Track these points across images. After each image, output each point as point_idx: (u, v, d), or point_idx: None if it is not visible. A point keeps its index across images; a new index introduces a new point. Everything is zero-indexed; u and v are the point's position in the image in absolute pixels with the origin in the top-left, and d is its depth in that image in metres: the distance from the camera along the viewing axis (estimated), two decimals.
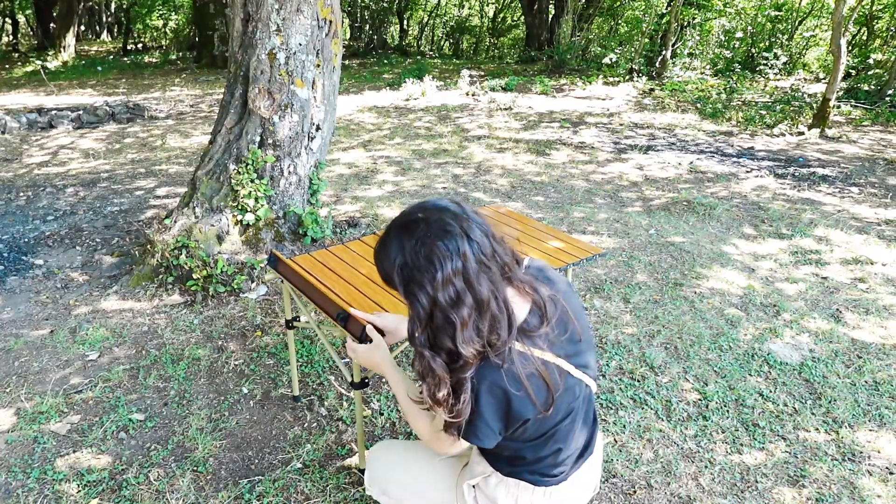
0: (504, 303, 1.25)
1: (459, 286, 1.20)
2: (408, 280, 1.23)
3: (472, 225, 1.23)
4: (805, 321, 3.42)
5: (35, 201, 5.23)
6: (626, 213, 5.16)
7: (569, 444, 1.46)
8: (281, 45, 3.66)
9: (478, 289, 1.20)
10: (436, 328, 1.23)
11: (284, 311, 2.55)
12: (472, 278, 1.20)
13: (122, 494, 2.22)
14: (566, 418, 1.41)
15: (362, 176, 6.11)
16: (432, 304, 1.21)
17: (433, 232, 1.21)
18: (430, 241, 1.20)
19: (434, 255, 1.19)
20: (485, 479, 1.55)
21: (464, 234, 1.21)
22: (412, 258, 1.21)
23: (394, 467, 1.76)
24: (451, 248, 1.19)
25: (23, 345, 3.12)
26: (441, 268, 1.18)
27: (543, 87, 11.50)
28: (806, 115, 9.23)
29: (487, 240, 1.25)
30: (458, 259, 1.19)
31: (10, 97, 11.06)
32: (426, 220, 1.23)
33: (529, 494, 1.50)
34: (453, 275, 1.19)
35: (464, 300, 1.20)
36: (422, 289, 1.21)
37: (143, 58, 18.12)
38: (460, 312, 1.20)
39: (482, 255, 1.22)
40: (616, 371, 2.95)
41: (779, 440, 2.51)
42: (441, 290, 1.19)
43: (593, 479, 1.63)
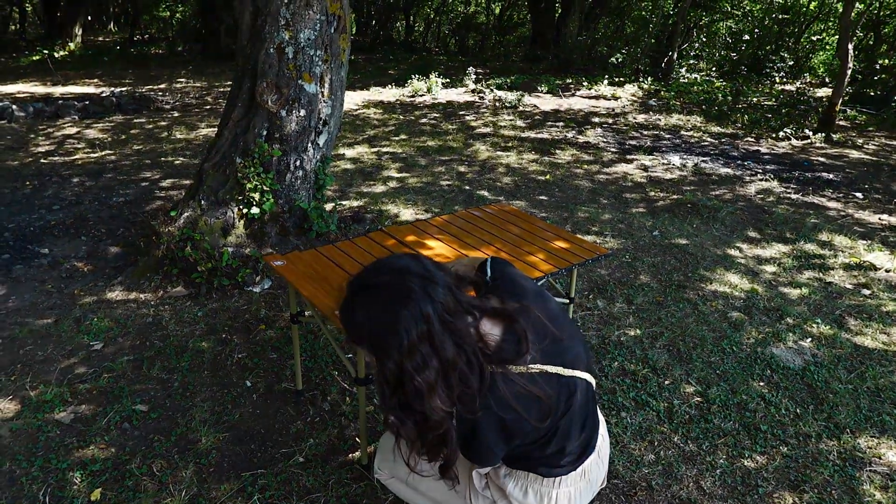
0: (474, 355, 1.26)
1: (425, 351, 1.21)
2: (375, 346, 1.26)
3: (434, 284, 1.25)
4: (808, 326, 3.42)
5: (41, 190, 5.24)
6: (630, 214, 5.16)
7: (572, 438, 1.49)
8: (289, 40, 3.67)
9: (443, 351, 1.22)
10: (406, 393, 1.25)
11: (290, 306, 2.55)
12: (437, 340, 1.22)
13: (126, 485, 2.23)
14: (566, 415, 1.43)
15: (367, 171, 6.12)
16: (399, 370, 1.23)
17: (396, 298, 1.23)
18: (393, 309, 1.22)
19: (398, 323, 1.20)
20: (495, 469, 1.57)
21: (427, 295, 1.22)
22: (377, 326, 1.24)
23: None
24: (413, 314, 1.21)
25: (28, 333, 3.13)
26: (406, 335, 1.20)
27: (549, 87, 11.48)
28: (811, 120, 9.22)
29: (451, 295, 1.27)
30: (422, 324, 1.21)
31: (17, 86, 11.06)
32: (388, 284, 1.25)
33: (539, 484, 1.52)
34: (418, 341, 1.20)
35: (429, 363, 1.22)
36: (389, 356, 1.22)
37: (150, 49, 18.11)
38: (427, 376, 1.21)
39: (445, 314, 1.23)
40: (618, 372, 2.96)
41: (780, 444, 2.51)
42: (407, 358, 1.21)
43: (601, 470, 1.65)
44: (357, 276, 1.33)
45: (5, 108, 7.94)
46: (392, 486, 1.84)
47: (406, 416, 1.28)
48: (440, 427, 1.28)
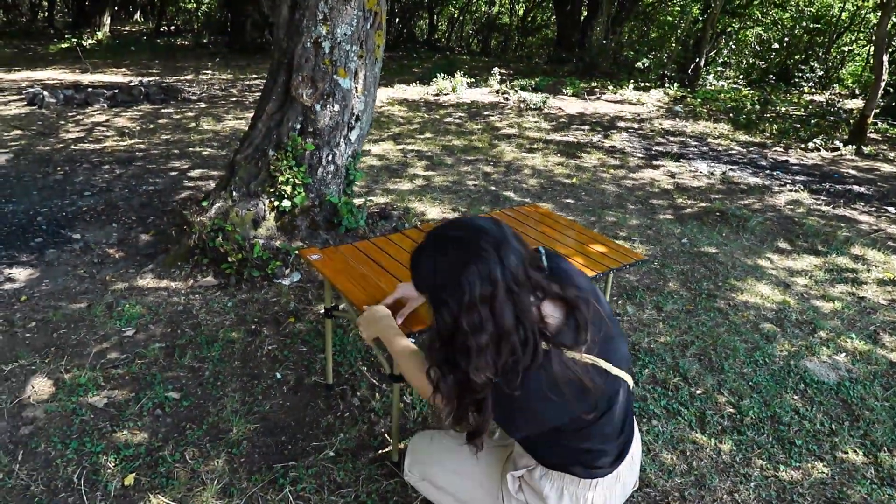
0: (532, 333, 1.25)
1: (484, 313, 1.21)
2: (436, 296, 1.26)
3: (508, 251, 1.23)
4: (842, 340, 3.37)
5: (72, 176, 5.29)
6: (657, 220, 5.12)
7: (612, 438, 1.48)
8: (326, 35, 3.67)
9: (501, 318, 1.21)
10: (455, 349, 1.26)
11: (325, 300, 2.56)
12: (498, 306, 1.21)
13: (159, 471, 2.24)
14: (606, 413, 1.42)
15: (393, 168, 6.12)
16: (454, 325, 1.23)
17: (468, 253, 1.22)
18: (461, 263, 1.21)
19: (463, 277, 1.20)
20: (529, 471, 1.55)
21: (499, 260, 1.21)
22: (443, 276, 1.24)
23: (437, 453, 1.77)
24: (482, 273, 1.20)
25: (61, 317, 3.16)
26: (468, 291, 1.20)
27: (574, 89, 11.43)
28: (842, 131, 9.09)
29: (522, 266, 1.25)
30: (487, 285, 1.20)
31: (47, 72, 11.21)
32: (462, 239, 1.25)
33: (575, 486, 1.50)
34: (480, 300, 1.20)
35: (485, 326, 1.21)
36: (447, 308, 1.23)
37: (176, 40, 18.27)
38: (479, 339, 1.21)
39: (513, 284, 1.22)
40: (649, 379, 2.93)
41: (816, 460, 2.47)
42: (465, 314, 1.21)
43: (633, 474, 1.64)
44: (436, 227, 1.33)
45: (36, 94, 8.05)
46: (422, 489, 1.83)
47: (450, 371, 1.29)
48: (479, 392, 1.28)
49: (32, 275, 3.58)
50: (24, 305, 3.26)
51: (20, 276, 3.56)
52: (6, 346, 2.91)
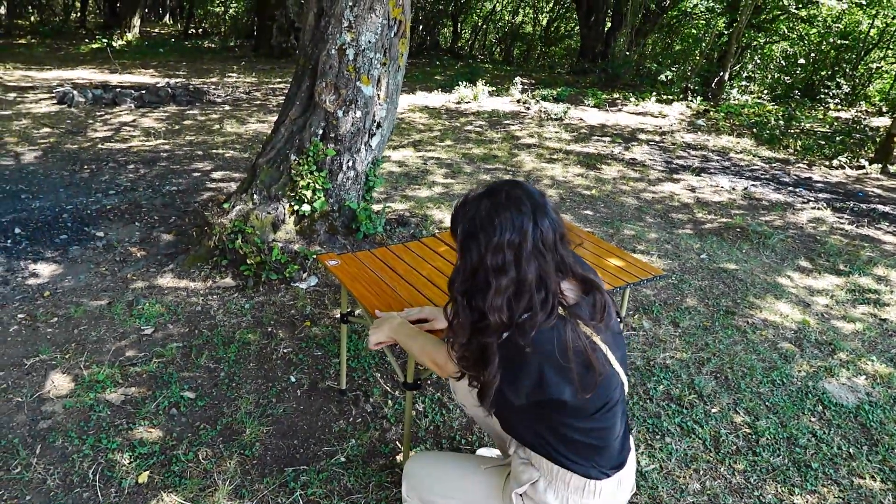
0: (553, 295, 1.33)
1: (508, 258, 1.30)
2: (468, 233, 1.36)
3: (544, 217, 1.34)
4: (862, 363, 3.31)
5: (98, 175, 5.39)
6: (676, 234, 5.08)
7: (614, 436, 1.49)
8: (351, 42, 3.71)
9: (524, 268, 1.30)
10: (475, 284, 1.35)
11: (341, 305, 2.57)
12: (523, 258, 1.30)
13: (172, 470, 2.27)
14: (603, 408, 1.44)
15: (412, 175, 6.15)
16: (479, 261, 1.33)
17: (508, 203, 1.33)
18: (501, 209, 1.32)
19: (496, 220, 1.31)
20: (532, 485, 1.54)
21: (533, 218, 1.32)
22: (480, 216, 1.34)
23: (435, 476, 1.75)
24: (515, 222, 1.31)
25: (82, 313, 3.22)
26: (499, 234, 1.30)
27: (596, 100, 11.40)
28: (868, 149, 8.96)
29: (553, 235, 1.35)
30: (516, 234, 1.30)
31: (77, 72, 11.43)
32: (507, 192, 1.35)
33: (578, 496, 1.50)
34: (507, 245, 1.30)
35: (507, 272, 1.30)
36: (476, 245, 1.33)
37: (203, 43, 18.54)
38: (500, 280, 1.30)
39: (541, 243, 1.32)
40: (663, 396, 2.91)
41: (832, 484, 2.43)
42: (491, 253, 1.31)
43: (631, 479, 1.63)
44: (490, 182, 1.43)
45: (66, 93, 8.21)
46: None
47: (468, 306, 1.37)
48: (488, 336, 1.34)
49: (56, 271, 3.65)
50: (47, 301, 3.32)
51: (44, 271, 3.63)
52: (28, 341, 2.96)
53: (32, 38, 16.94)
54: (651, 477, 2.39)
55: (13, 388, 2.63)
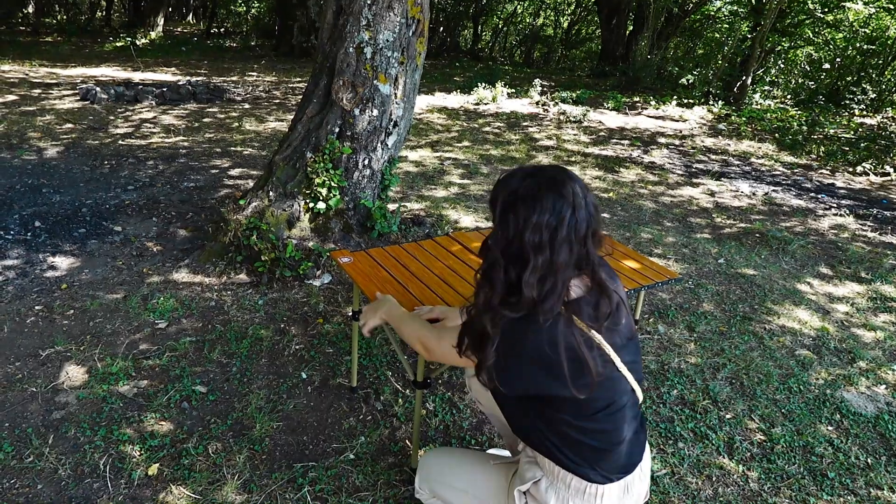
0: (562, 284, 1.34)
1: (545, 238, 1.31)
2: (508, 206, 1.35)
3: (581, 208, 1.34)
4: (882, 372, 3.24)
5: (118, 170, 5.46)
6: (694, 238, 5.02)
7: (615, 443, 1.46)
8: (369, 40, 3.71)
9: (557, 251, 1.31)
10: (509, 257, 1.35)
11: (353, 303, 2.57)
12: (557, 241, 1.31)
13: (182, 463, 2.28)
14: (606, 409, 1.42)
15: (429, 175, 6.14)
16: (518, 236, 1.32)
17: (553, 187, 1.33)
18: (545, 191, 1.33)
19: (540, 201, 1.31)
20: (535, 484, 1.54)
21: (572, 206, 1.32)
22: (524, 192, 1.34)
23: (448, 471, 1.79)
24: (556, 206, 1.31)
25: (98, 306, 3.25)
26: (539, 214, 1.31)
27: (616, 103, 11.32)
28: (893, 156, 8.80)
29: (586, 228, 1.35)
30: (554, 218, 1.31)
31: (101, 69, 11.60)
32: (554, 177, 1.36)
33: (580, 500, 1.48)
34: (545, 226, 1.30)
35: (543, 251, 1.31)
36: (515, 219, 1.32)
37: (225, 42, 18.73)
38: (536, 258, 1.31)
39: (573, 232, 1.32)
40: (677, 401, 2.87)
41: (849, 494, 2.38)
42: (530, 231, 1.31)
43: (644, 484, 1.60)
44: (537, 164, 1.47)
45: (90, 90, 8.33)
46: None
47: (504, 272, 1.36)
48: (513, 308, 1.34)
49: (74, 264, 3.70)
50: (64, 293, 3.36)
51: (62, 264, 3.68)
52: (45, 332, 3.00)
53: (59, 36, 17.24)
54: (662, 482, 2.36)
55: (28, 379, 2.66)
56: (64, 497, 2.11)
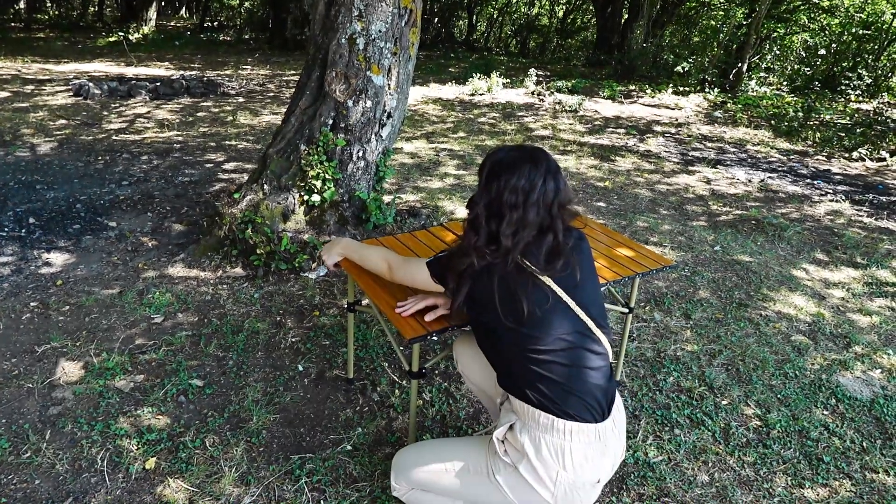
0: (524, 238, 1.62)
1: (520, 199, 1.61)
2: (493, 171, 1.66)
3: (551, 182, 1.65)
4: (878, 356, 3.25)
5: (112, 166, 5.44)
6: (690, 226, 5.02)
7: (576, 381, 1.59)
8: (361, 31, 3.69)
9: (528, 211, 1.61)
10: (490, 211, 1.65)
11: (348, 294, 2.57)
12: (528, 203, 1.61)
13: (179, 456, 2.28)
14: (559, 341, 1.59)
15: (424, 167, 6.13)
16: (498, 195, 1.63)
17: (531, 161, 1.64)
18: (524, 163, 1.64)
19: (519, 169, 1.62)
20: (510, 430, 1.65)
21: (543, 178, 1.63)
22: (507, 161, 1.65)
23: (420, 458, 1.82)
24: (530, 175, 1.62)
25: (94, 302, 3.25)
26: (515, 179, 1.61)
27: (611, 92, 11.30)
28: (889, 141, 8.80)
29: (554, 198, 1.65)
30: (527, 184, 1.61)
31: (94, 65, 11.54)
32: (536, 155, 1.66)
33: (550, 435, 1.58)
34: (520, 190, 1.61)
35: (517, 209, 1.61)
36: (497, 182, 1.63)
37: (219, 36, 18.64)
38: (511, 214, 1.61)
39: (541, 199, 1.62)
40: (673, 387, 2.87)
41: (844, 478, 2.39)
42: (507, 191, 1.61)
43: (619, 442, 1.68)
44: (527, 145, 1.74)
45: (83, 85, 8.29)
46: (413, 500, 1.86)
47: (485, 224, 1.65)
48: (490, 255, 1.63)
49: (69, 260, 3.69)
50: (60, 289, 3.36)
51: (57, 260, 3.67)
52: (40, 329, 3.00)
53: (51, 31, 17.13)
54: (659, 468, 2.37)
55: (24, 375, 2.66)
56: (62, 492, 2.11)
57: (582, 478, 1.59)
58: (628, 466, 2.38)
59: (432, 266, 1.86)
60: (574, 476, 1.58)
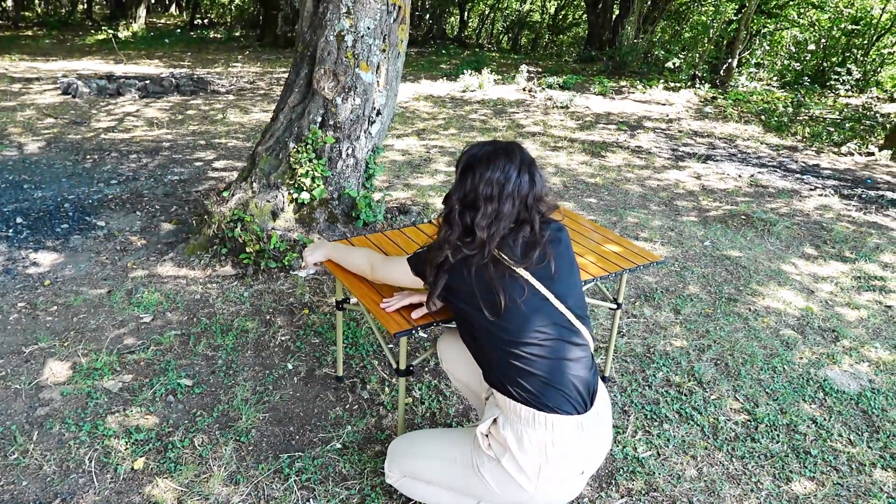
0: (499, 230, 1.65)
1: (495, 192, 1.64)
2: (467, 165, 1.70)
3: (525, 174, 1.67)
4: (865, 350, 3.27)
5: (100, 165, 5.40)
6: (680, 221, 5.04)
7: (556, 373, 1.61)
8: (350, 28, 3.68)
9: (503, 203, 1.64)
10: (465, 204, 1.67)
11: (336, 292, 2.57)
12: (503, 195, 1.64)
13: (168, 456, 2.27)
14: (536, 334, 1.61)
15: (415, 164, 6.12)
16: (472, 188, 1.65)
17: (506, 155, 1.67)
18: (498, 156, 1.66)
19: (494, 163, 1.65)
20: (494, 424, 1.66)
21: (518, 171, 1.66)
22: (482, 155, 1.69)
23: (412, 446, 1.89)
24: (505, 168, 1.65)
25: (82, 302, 3.23)
26: (491, 171, 1.64)
27: (602, 88, 11.30)
28: (878, 136, 8.85)
29: (529, 190, 1.68)
30: (501, 176, 1.64)
31: (82, 63, 11.45)
32: (511, 149, 1.70)
33: (531, 429, 1.60)
34: (495, 182, 1.64)
35: (492, 201, 1.64)
36: (472, 175, 1.66)
37: (209, 33, 18.53)
38: (486, 206, 1.63)
39: (516, 191, 1.65)
40: (662, 383, 2.89)
41: (831, 471, 2.41)
42: (482, 184, 1.64)
43: (604, 431, 1.71)
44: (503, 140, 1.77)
45: (71, 83, 8.22)
46: (404, 487, 1.91)
47: (459, 218, 1.68)
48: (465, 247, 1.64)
49: (57, 260, 3.66)
50: (48, 289, 3.34)
51: (45, 260, 3.65)
52: (28, 329, 2.98)
53: (39, 29, 16.99)
54: (648, 463, 2.38)
55: (11, 376, 2.64)
56: (49, 493, 2.10)
57: (565, 470, 1.61)
58: (617, 461, 2.39)
59: (411, 261, 1.88)
60: (557, 468, 1.60)
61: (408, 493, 1.93)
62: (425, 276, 1.80)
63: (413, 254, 1.90)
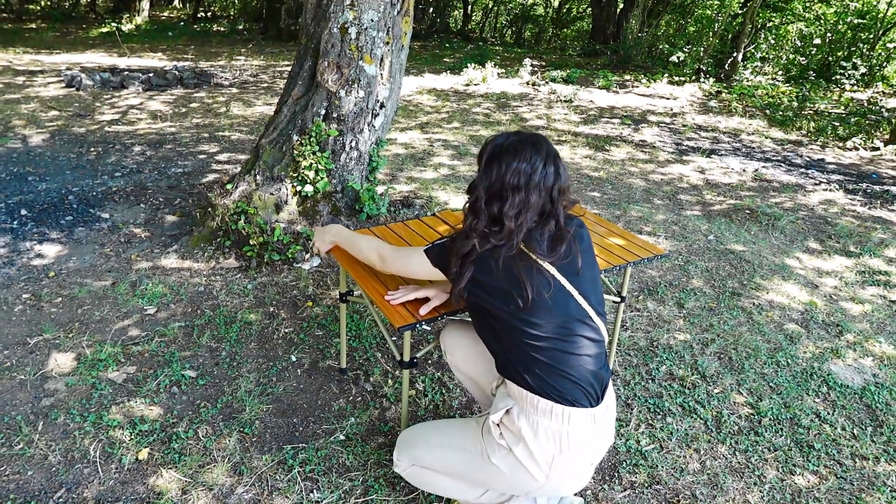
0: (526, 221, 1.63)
1: (522, 181, 1.62)
2: (493, 155, 1.67)
3: (551, 166, 1.66)
4: (869, 344, 3.27)
5: (104, 157, 5.40)
6: (684, 216, 5.02)
7: (574, 367, 1.61)
8: (353, 20, 3.67)
9: (530, 193, 1.62)
10: (491, 194, 1.65)
11: (339, 284, 2.57)
12: (531, 185, 1.62)
13: (172, 447, 2.28)
14: (559, 329, 1.61)
15: (418, 157, 6.11)
16: (500, 178, 1.63)
17: (533, 146, 1.66)
18: (525, 147, 1.65)
19: (521, 153, 1.64)
20: (507, 413, 1.66)
21: (544, 163, 1.65)
22: (508, 145, 1.66)
23: (422, 436, 1.88)
24: (531, 159, 1.63)
25: (86, 294, 3.24)
26: (517, 162, 1.62)
27: (606, 82, 11.27)
28: (883, 130, 8.81)
29: (554, 182, 1.66)
30: (528, 167, 1.62)
31: (86, 56, 11.45)
32: (537, 141, 1.68)
33: (548, 420, 1.60)
34: (521, 173, 1.62)
35: (519, 191, 1.62)
36: (498, 165, 1.64)
37: (212, 26, 18.50)
38: (514, 196, 1.62)
39: (542, 182, 1.64)
40: (666, 376, 2.89)
41: (834, 465, 2.41)
42: (509, 174, 1.62)
43: (610, 426, 1.72)
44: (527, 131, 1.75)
45: (75, 76, 8.22)
46: (413, 476, 1.90)
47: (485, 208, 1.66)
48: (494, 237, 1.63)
49: (61, 252, 3.67)
50: (52, 281, 3.35)
51: (50, 252, 3.66)
52: (32, 320, 2.99)
53: (43, 22, 16.98)
54: (651, 456, 2.38)
55: (17, 367, 2.65)
56: (54, 483, 2.11)
57: (578, 460, 1.62)
58: (620, 454, 2.39)
59: (430, 253, 1.83)
60: (571, 459, 1.62)
61: (416, 482, 1.93)
62: (448, 268, 1.75)
63: (431, 245, 1.85)
